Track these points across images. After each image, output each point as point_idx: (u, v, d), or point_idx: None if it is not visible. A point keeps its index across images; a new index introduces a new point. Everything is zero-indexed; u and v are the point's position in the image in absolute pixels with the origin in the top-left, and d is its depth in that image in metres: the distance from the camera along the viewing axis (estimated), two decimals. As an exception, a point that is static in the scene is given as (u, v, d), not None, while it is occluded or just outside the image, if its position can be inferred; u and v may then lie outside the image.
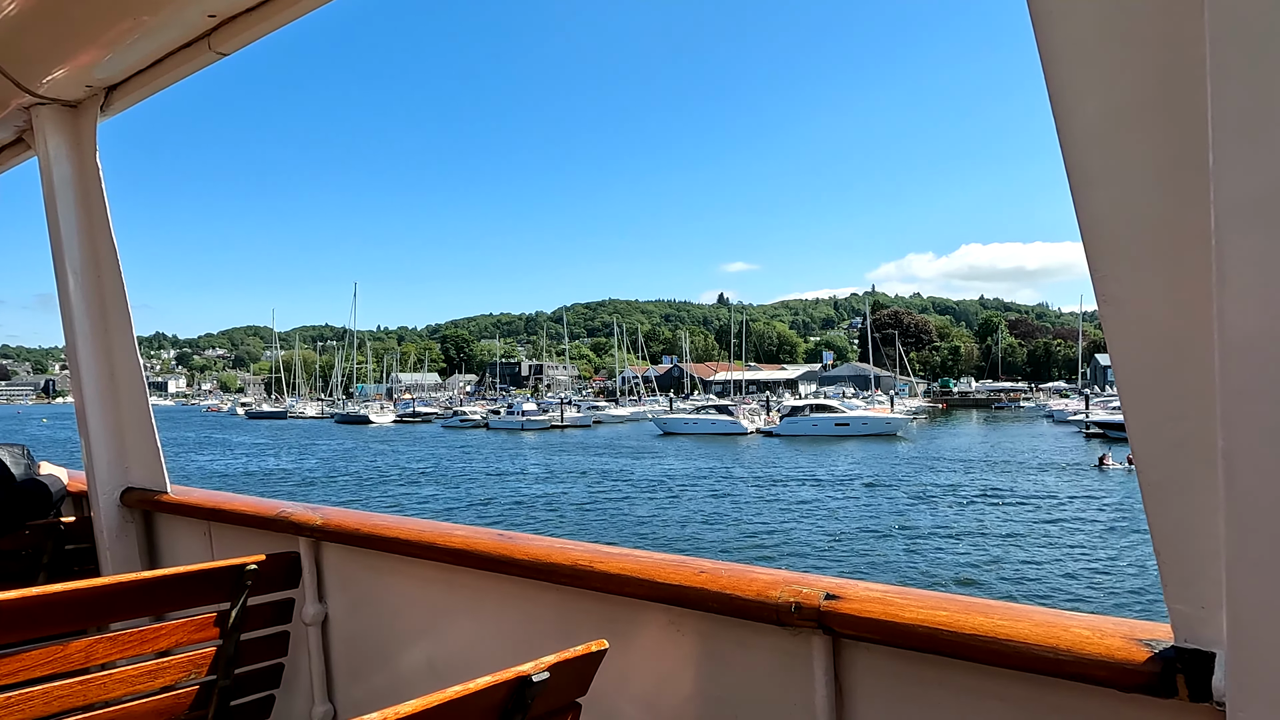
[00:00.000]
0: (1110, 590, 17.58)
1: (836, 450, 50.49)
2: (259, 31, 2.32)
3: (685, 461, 44.89)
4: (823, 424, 60.82)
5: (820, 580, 1.54)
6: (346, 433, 79.00)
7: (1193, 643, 1.11)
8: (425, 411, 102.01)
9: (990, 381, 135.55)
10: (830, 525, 25.37)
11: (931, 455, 47.41)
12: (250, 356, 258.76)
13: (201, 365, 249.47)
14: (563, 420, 79.83)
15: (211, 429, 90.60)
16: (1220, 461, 0.95)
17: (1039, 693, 1.30)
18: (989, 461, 43.61)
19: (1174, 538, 1.10)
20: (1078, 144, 1.07)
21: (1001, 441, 57.38)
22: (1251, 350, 0.91)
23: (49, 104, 2.86)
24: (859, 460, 44.73)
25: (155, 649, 2.00)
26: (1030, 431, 68.66)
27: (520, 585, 1.99)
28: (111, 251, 2.99)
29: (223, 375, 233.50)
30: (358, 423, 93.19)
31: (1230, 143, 0.90)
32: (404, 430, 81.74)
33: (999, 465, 41.42)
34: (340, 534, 2.38)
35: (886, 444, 54.64)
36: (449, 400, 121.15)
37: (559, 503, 30.86)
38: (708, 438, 61.34)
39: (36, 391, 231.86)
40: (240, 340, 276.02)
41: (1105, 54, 1.05)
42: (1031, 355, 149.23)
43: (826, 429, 60.12)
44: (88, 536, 3.13)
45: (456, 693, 1.21)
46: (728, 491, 32.90)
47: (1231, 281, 0.91)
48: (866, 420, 61.60)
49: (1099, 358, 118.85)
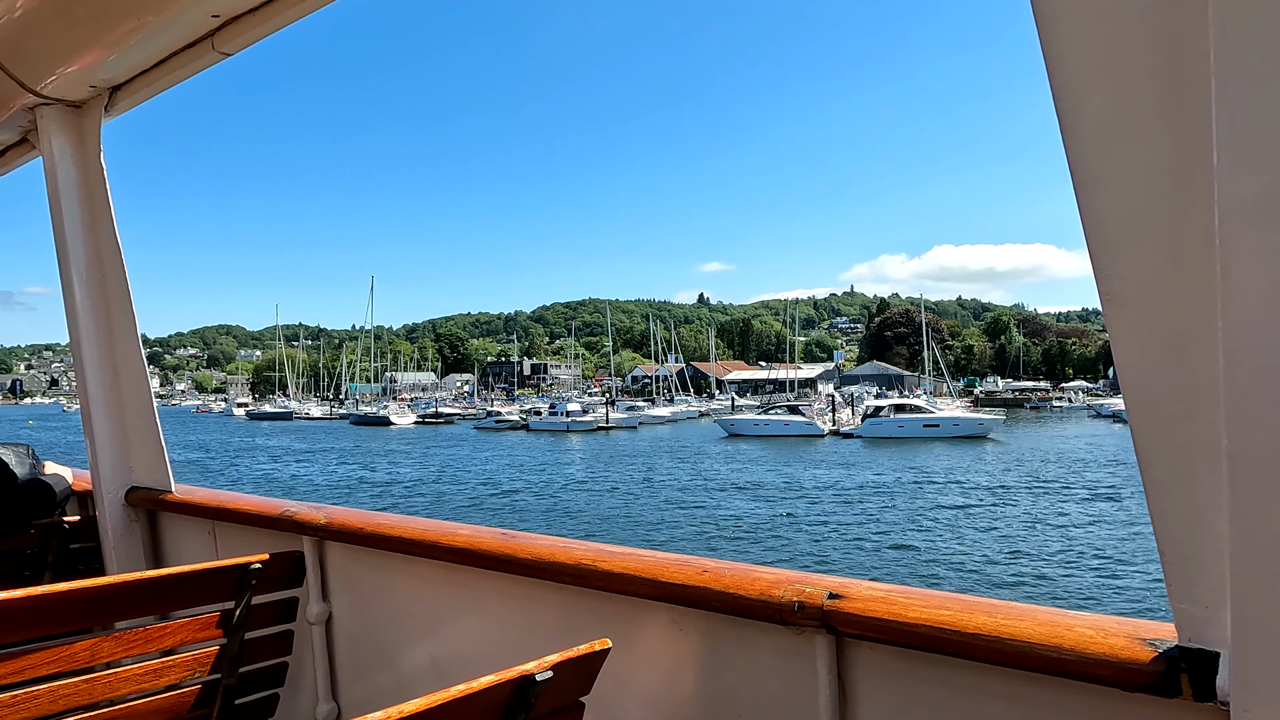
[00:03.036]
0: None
1: (936, 453, 47.64)
2: (262, 32, 2.32)
3: (786, 469, 41.26)
4: (909, 425, 57.80)
5: (823, 580, 1.53)
6: (373, 435, 75.31)
7: (1197, 642, 1.10)
8: (448, 412, 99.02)
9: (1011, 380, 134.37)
10: (1016, 543, 22.54)
11: (1040, 457, 45.32)
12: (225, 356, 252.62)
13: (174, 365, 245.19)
14: (608, 422, 75.90)
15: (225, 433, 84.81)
16: (1224, 460, 0.95)
17: (1043, 692, 1.29)
18: (1102, 463, 41.55)
19: (1178, 537, 1.09)
20: (1081, 143, 1.07)
21: (1083, 439, 55.40)
22: (1255, 349, 0.91)
23: (53, 104, 2.87)
24: (976, 464, 42.16)
25: (160, 648, 2.01)
26: (1094, 430, 67.14)
27: (524, 584, 1.98)
28: (116, 252, 2.99)
29: (198, 375, 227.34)
30: (376, 424, 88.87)
31: (1234, 141, 0.89)
32: (436, 433, 77.87)
33: (1121, 466, 39.31)
34: (344, 533, 2.38)
35: (983, 446, 51.82)
36: (443, 400, 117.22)
37: (688, 520, 27.19)
38: (780, 440, 57.81)
39: (3, 392, 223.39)
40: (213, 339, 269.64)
41: (1109, 53, 1.05)
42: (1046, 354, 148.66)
43: (914, 430, 57.09)
44: (93, 536, 3.13)
45: (460, 691, 1.22)
46: (862, 500, 29.87)
47: (1235, 280, 0.91)
48: (958, 421, 58.59)
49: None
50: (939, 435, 56.22)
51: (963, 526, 25.36)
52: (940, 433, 56.54)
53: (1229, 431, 0.94)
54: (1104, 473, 37.08)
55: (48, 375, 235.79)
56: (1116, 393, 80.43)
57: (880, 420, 59.36)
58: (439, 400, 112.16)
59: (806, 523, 26.25)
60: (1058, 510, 27.91)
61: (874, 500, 30.31)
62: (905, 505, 29.24)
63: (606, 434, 70.94)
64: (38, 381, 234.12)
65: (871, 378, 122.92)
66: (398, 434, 76.91)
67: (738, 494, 32.67)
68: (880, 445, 53.43)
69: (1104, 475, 36.14)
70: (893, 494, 31.88)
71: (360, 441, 66.48)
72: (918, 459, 44.79)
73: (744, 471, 40.27)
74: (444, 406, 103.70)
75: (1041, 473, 37.82)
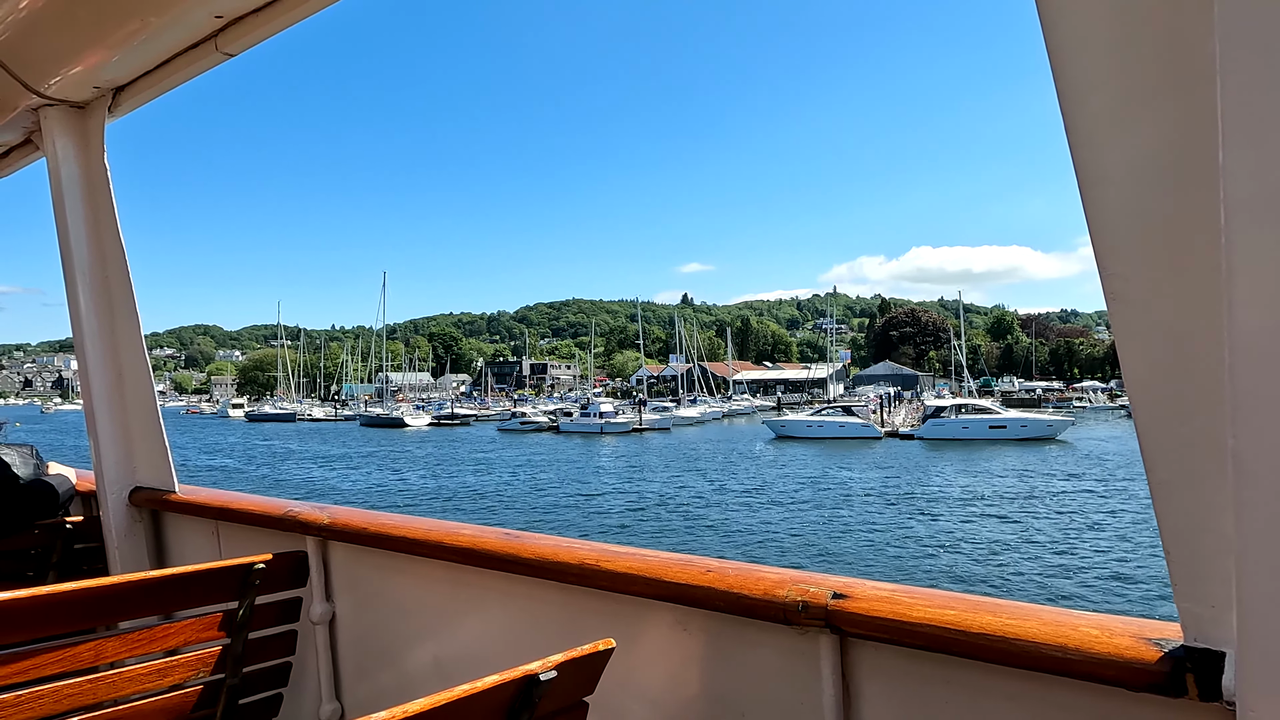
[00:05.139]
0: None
1: (1009, 457, 44.54)
2: (265, 32, 2.32)
3: (873, 472, 38.47)
4: (974, 426, 54.93)
5: (827, 579, 1.53)
6: (389, 438, 71.76)
7: (1202, 642, 1.10)
8: (463, 413, 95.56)
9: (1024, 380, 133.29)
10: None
11: (1124, 460, 42.10)
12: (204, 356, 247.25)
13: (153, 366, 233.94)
14: (641, 423, 72.98)
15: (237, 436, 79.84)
16: (1230, 460, 0.94)
17: (1048, 692, 1.29)
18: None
19: (1183, 536, 1.09)
20: (1085, 141, 1.06)
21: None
22: (1262, 348, 0.90)
23: (57, 105, 2.87)
24: (1060, 467, 39.12)
25: (163, 648, 2.01)
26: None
27: (527, 584, 1.98)
28: (119, 252, 2.99)
29: (177, 375, 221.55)
30: (389, 426, 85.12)
31: (1241, 139, 0.89)
32: (456, 435, 74.13)
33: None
34: (347, 533, 2.38)
35: (1054, 449, 49.41)
36: (442, 400, 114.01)
37: (806, 533, 24.37)
38: (835, 443, 54.92)
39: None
40: (190, 340, 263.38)
41: (1113, 50, 1.04)
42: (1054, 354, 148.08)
43: (979, 432, 54.36)
44: (96, 536, 3.13)
45: (464, 691, 1.22)
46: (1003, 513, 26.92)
47: (1242, 279, 0.90)
48: (1026, 422, 55.54)
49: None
50: (1006, 437, 53.41)
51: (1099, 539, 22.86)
52: (1007, 434, 53.61)
53: (1234, 430, 0.93)
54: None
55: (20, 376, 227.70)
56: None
57: (943, 421, 56.47)
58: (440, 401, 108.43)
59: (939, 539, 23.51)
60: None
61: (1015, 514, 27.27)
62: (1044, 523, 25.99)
63: (640, 436, 67.57)
64: (10, 382, 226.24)
65: (886, 378, 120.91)
66: (419, 436, 73.26)
67: (851, 504, 29.79)
68: (946, 448, 50.42)
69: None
70: (1019, 506, 28.93)
71: (382, 445, 62.63)
72: (994, 463, 41.83)
73: (825, 478, 37.28)
74: (457, 408, 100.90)
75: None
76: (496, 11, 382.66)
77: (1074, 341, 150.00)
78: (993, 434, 53.91)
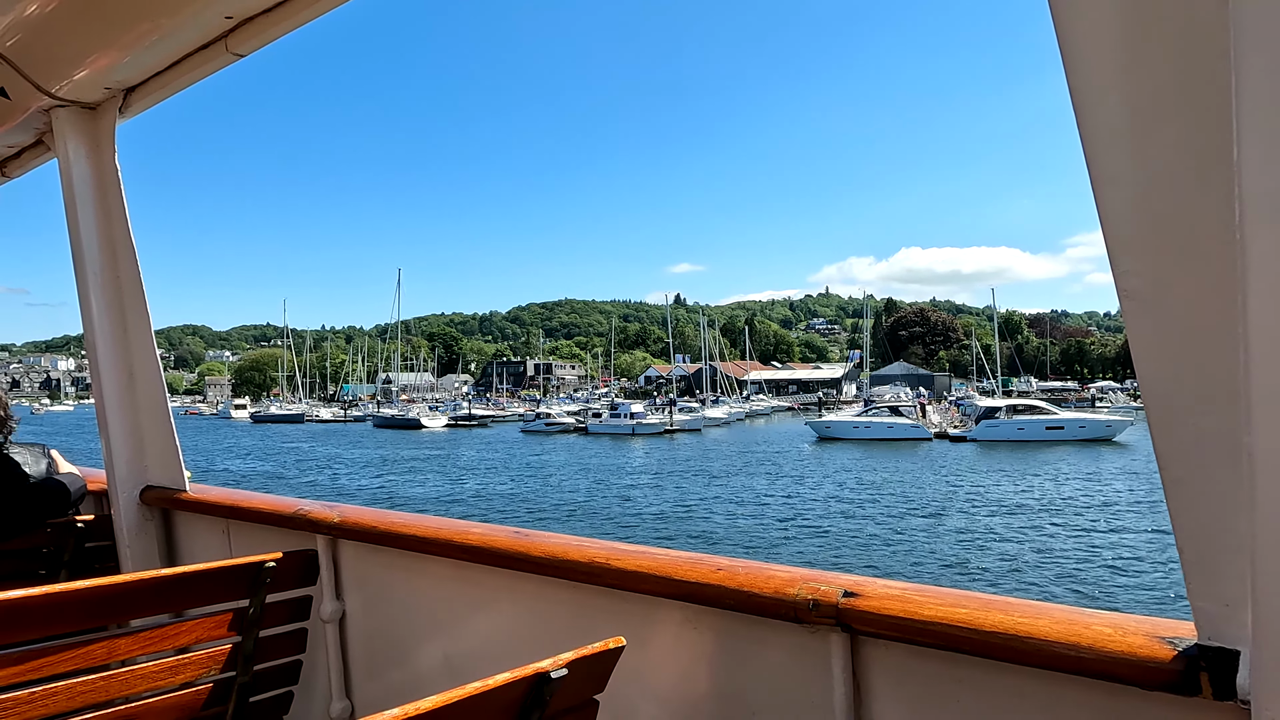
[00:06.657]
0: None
1: (1071, 460, 42.76)
2: (276, 33, 2.34)
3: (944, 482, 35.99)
4: (1030, 427, 53.14)
5: (839, 578, 1.53)
6: (406, 439, 69.25)
7: (1216, 640, 1.09)
8: (480, 414, 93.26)
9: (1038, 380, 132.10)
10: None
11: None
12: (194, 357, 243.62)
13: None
14: (672, 424, 70.83)
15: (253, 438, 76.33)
16: (1245, 457, 0.94)
17: (1060, 690, 1.28)
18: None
19: (1197, 534, 1.08)
20: (1099, 140, 1.06)
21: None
22: (1277, 345, 0.90)
23: (68, 106, 2.88)
24: (1130, 470, 37.12)
25: (175, 646, 2.02)
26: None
27: (537, 583, 1.99)
28: (130, 252, 3.01)
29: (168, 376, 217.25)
30: (405, 427, 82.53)
31: (1256, 136, 0.88)
32: (477, 436, 71.94)
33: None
34: (357, 531, 2.38)
35: (1114, 451, 47.70)
36: (443, 400, 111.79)
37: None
38: (884, 444, 53.26)
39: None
40: (178, 340, 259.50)
41: (1127, 49, 1.04)
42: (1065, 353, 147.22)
43: (1035, 433, 52.53)
44: (108, 534, 3.15)
45: (476, 689, 1.23)
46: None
47: (1257, 276, 0.90)
48: (1084, 423, 53.66)
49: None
50: (1063, 438, 51.67)
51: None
52: (1065, 435, 51.88)
53: (1249, 427, 0.92)
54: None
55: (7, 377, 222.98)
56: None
57: (997, 422, 54.55)
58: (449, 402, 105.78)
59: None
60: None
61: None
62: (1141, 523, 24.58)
63: (671, 438, 65.18)
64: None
65: (903, 377, 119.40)
66: (440, 438, 70.60)
67: (948, 512, 27.93)
68: (996, 449, 48.75)
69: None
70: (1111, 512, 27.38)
71: (404, 448, 59.89)
72: (1060, 465, 40.05)
73: (892, 483, 35.48)
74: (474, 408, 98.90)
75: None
76: (484, 13, 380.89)
77: (1085, 341, 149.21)
78: (1050, 435, 52.13)
